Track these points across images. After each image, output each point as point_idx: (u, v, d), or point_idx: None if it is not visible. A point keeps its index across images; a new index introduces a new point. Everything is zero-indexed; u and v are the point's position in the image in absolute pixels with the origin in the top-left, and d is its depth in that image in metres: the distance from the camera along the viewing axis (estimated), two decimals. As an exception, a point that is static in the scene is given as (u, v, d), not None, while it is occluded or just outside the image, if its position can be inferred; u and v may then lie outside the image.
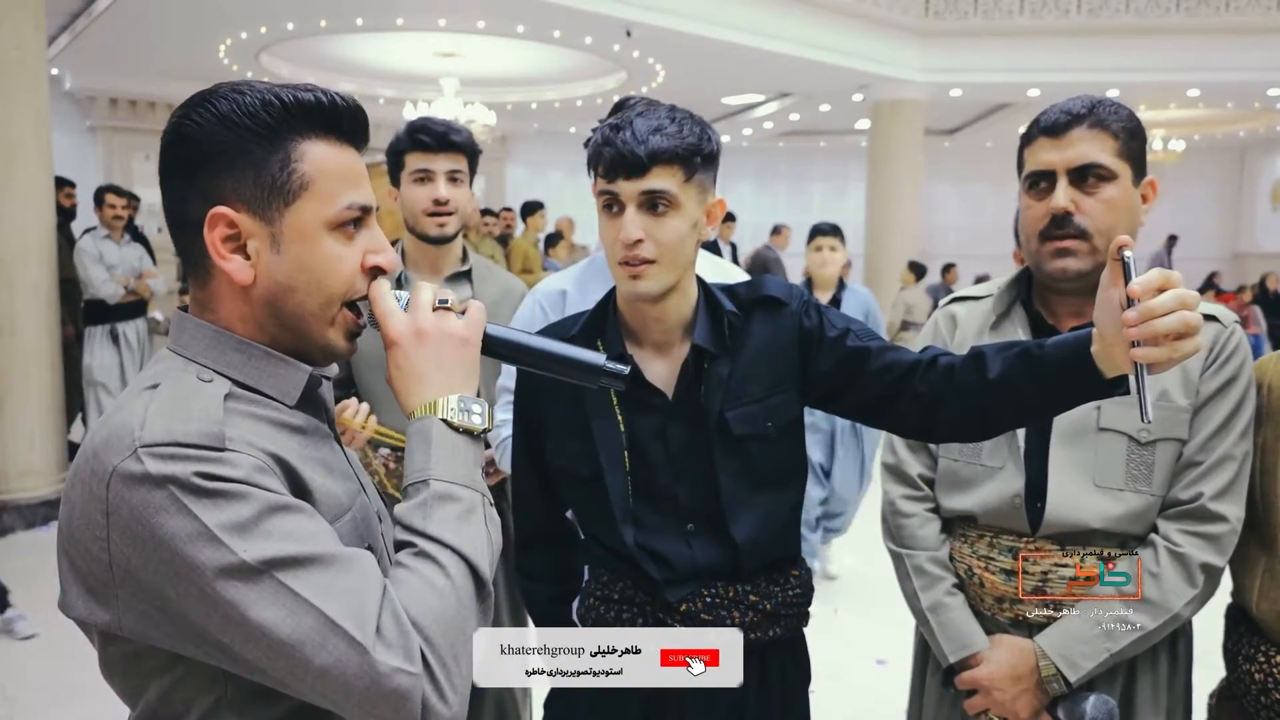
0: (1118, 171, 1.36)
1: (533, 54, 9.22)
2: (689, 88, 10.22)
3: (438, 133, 2.05)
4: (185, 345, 0.89)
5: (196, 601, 0.78)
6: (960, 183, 15.18)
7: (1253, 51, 9.61)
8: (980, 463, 1.45)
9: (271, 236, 0.87)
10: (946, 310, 1.60)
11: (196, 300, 0.91)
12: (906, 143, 10.34)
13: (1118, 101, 1.39)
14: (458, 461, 0.88)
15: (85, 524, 0.81)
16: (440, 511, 0.85)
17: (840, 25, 9.20)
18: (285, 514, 0.80)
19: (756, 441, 1.31)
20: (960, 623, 1.45)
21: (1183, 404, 1.36)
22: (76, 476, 0.84)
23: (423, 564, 0.82)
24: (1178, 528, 1.35)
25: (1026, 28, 9.74)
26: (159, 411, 0.81)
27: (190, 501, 0.78)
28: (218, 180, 0.86)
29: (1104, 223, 1.35)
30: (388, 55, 9.45)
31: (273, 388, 0.90)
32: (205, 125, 0.86)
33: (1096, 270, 1.32)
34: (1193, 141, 13.62)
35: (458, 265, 2.16)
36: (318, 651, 0.77)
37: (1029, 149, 1.42)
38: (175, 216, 0.89)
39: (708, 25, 8.11)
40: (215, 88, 0.89)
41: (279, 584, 0.78)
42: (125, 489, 0.79)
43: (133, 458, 0.78)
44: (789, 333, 1.33)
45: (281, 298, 0.89)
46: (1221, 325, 1.39)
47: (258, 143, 0.87)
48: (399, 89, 10.71)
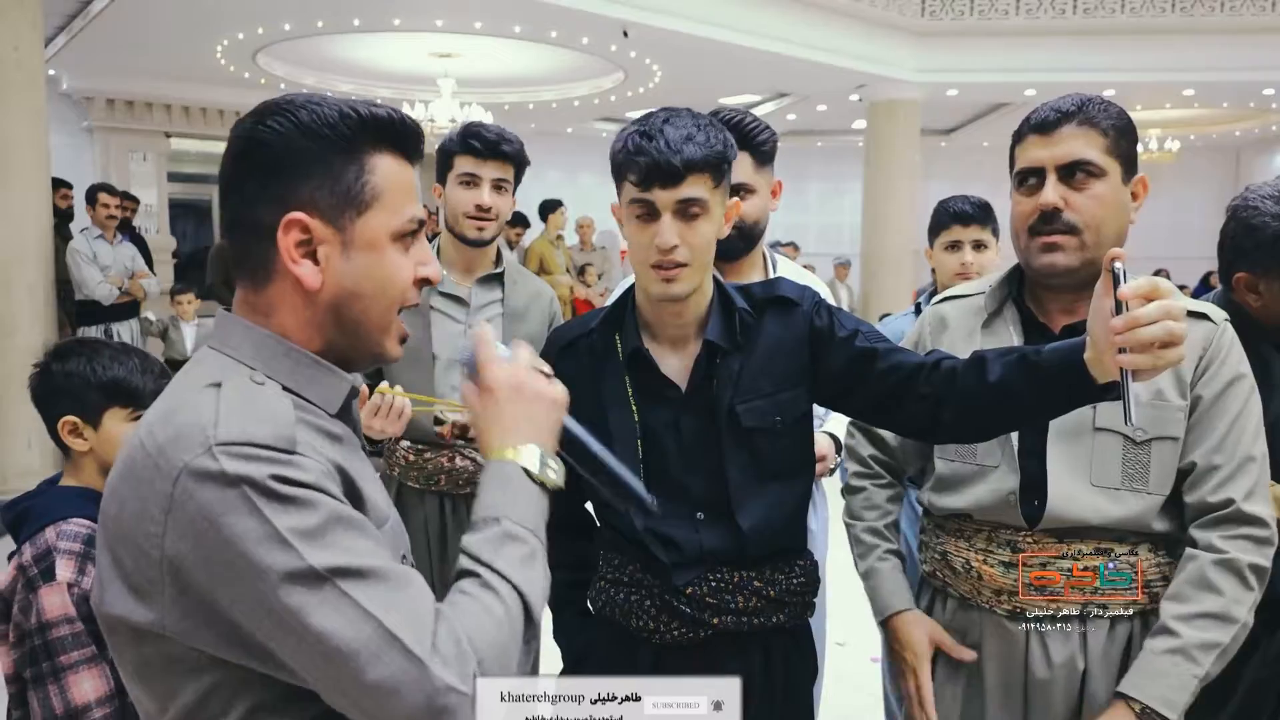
0: (1107, 168, 1.36)
1: (530, 54, 9.21)
2: (686, 88, 10.22)
3: (489, 140, 2.10)
4: (234, 346, 0.91)
5: (251, 604, 0.79)
6: (957, 182, 15.06)
7: (1248, 51, 9.62)
8: (976, 462, 1.45)
9: (342, 244, 0.90)
10: (935, 311, 1.58)
11: (247, 303, 0.92)
12: (903, 143, 10.35)
13: (1108, 100, 1.40)
14: (530, 508, 0.91)
15: (137, 520, 0.82)
16: (508, 550, 0.87)
17: (836, 25, 9.20)
18: (349, 524, 0.82)
19: (764, 434, 1.37)
20: (886, 586, 1.52)
21: (1177, 403, 1.36)
22: (130, 472, 0.84)
23: (484, 593, 0.84)
24: (1219, 534, 1.32)
25: (1022, 28, 9.75)
26: (232, 410, 0.82)
27: (262, 503, 0.78)
28: (295, 186, 0.88)
29: (1093, 218, 1.36)
30: (385, 55, 9.45)
31: (316, 395, 0.92)
32: (285, 133, 0.88)
33: (1085, 266, 1.36)
34: (1188, 141, 13.64)
35: (491, 268, 2.21)
36: (373, 663, 0.78)
37: (1019, 146, 1.43)
38: (242, 219, 0.90)
39: (704, 25, 8.11)
40: (291, 98, 0.91)
41: (341, 593, 0.78)
42: (195, 485, 0.79)
43: (207, 455, 0.79)
44: (800, 332, 1.39)
45: (347, 303, 0.91)
46: (1213, 324, 1.39)
47: (335, 153, 0.89)
48: (396, 89, 10.71)
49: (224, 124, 10.96)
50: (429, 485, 2.14)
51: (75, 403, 1.46)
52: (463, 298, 2.18)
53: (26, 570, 1.38)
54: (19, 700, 1.39)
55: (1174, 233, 13.56)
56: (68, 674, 1.34)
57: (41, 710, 1.34)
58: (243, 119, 0.91)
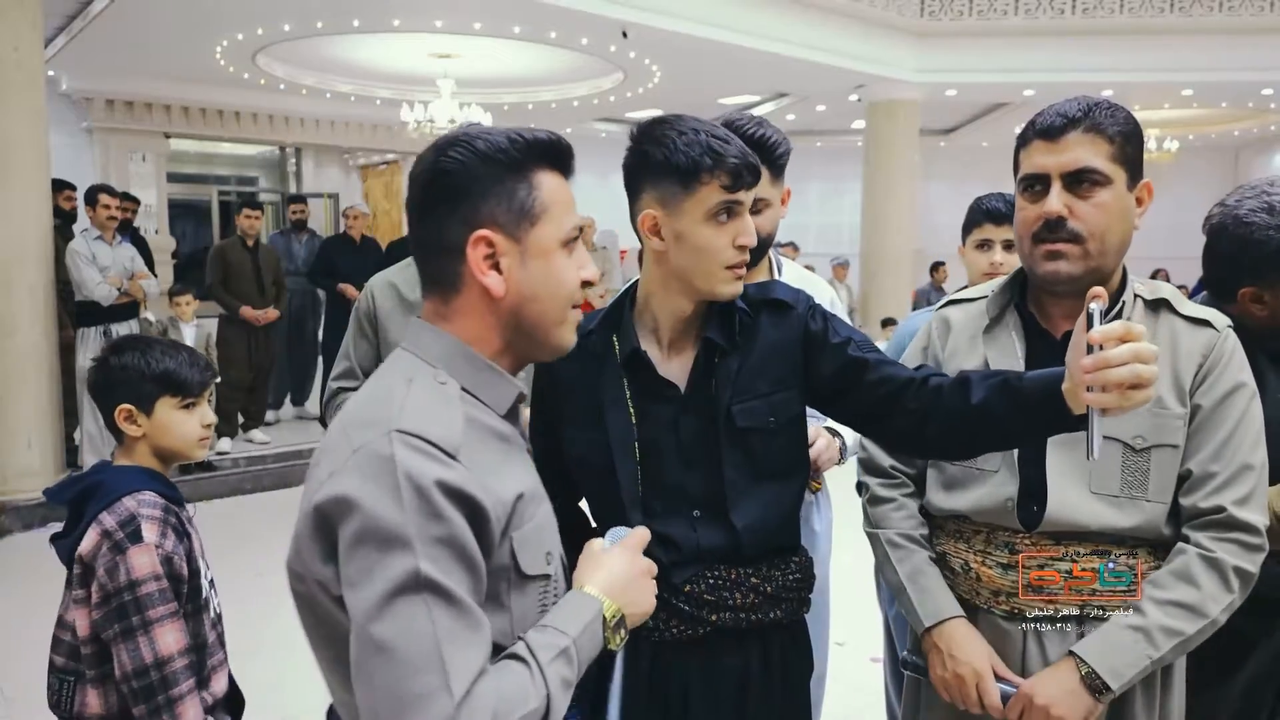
0: (1112, 176, 1.35)
1: (529, 55, 9.22)
2: (685, 89, 10.22)
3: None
4: (424, 348, 1.03)
5: (354, 569, 0.89)
6: (956, 182, 15.18)
7: (1246, 51, 9.63)
8: (976, 466, 1.45)
9: (520, 254, 1.02)
10: (941, 315, 1.59)
11: (436, 313, 1.05)
12: (902, 143, 10.35)
13: (1115, 103, 1.38)
14: (590, 647, 1.02)
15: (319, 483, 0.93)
16: (561, 666, 0.96)
17: (835, 26, 9.21)
18: (462, 552, 0.90)
19: (759, 434, 1.38)
20: (936, 591, 1.46)
21: (1177, 411, 1.36)
22: (325, 447, 0.97)
23: (531, 680, 0.92)
24: (1209, 535, 1.33)
25: (1021, 28, 9.76)
26: (418, 407, 0.95)
27: (409, 495, 0.88)
28: (478, 207, 1.01)
29: (1098, 226, 1.35)
30: (384, 56, 9.44)
31: (489, 396, 1.04)
32: (466, 161, 1.00)
33: (1089, 274, 1.36)
34: (1187, 141, 13.65)
35: None
36: (414, 677, 0.85)
37: (1024, 151, 1.42)
38: (432, 241, 1.03)
39: (704, 26, 8.11)
40: (463, 130, 1.04)
41: (423, 603, 0.87)
42: (365, 457, 0.91)
43: (385, 437, 0.91)
44: (795, 334, 1.41)
45: (526, 306, 1.04)
46: (1215, 330, 1.39)
47: (509, 174, 1.02)
48: (396, 90, 10.70)
49: (223, 125, 10.97)
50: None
51: (131, 392, 1.61)
52: None
53: (112, 535, 1.50)
54: (96, 659, 1.51)
55: (1173, 233, 13.55)
56: (155, 627, 1.48)
57: (131, 662, 1.46)
58: (424, 153, 1.03)
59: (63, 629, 1.56)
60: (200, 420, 1.67)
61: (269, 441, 6.47)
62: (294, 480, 6.11)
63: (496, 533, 0.95)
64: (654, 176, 1.35)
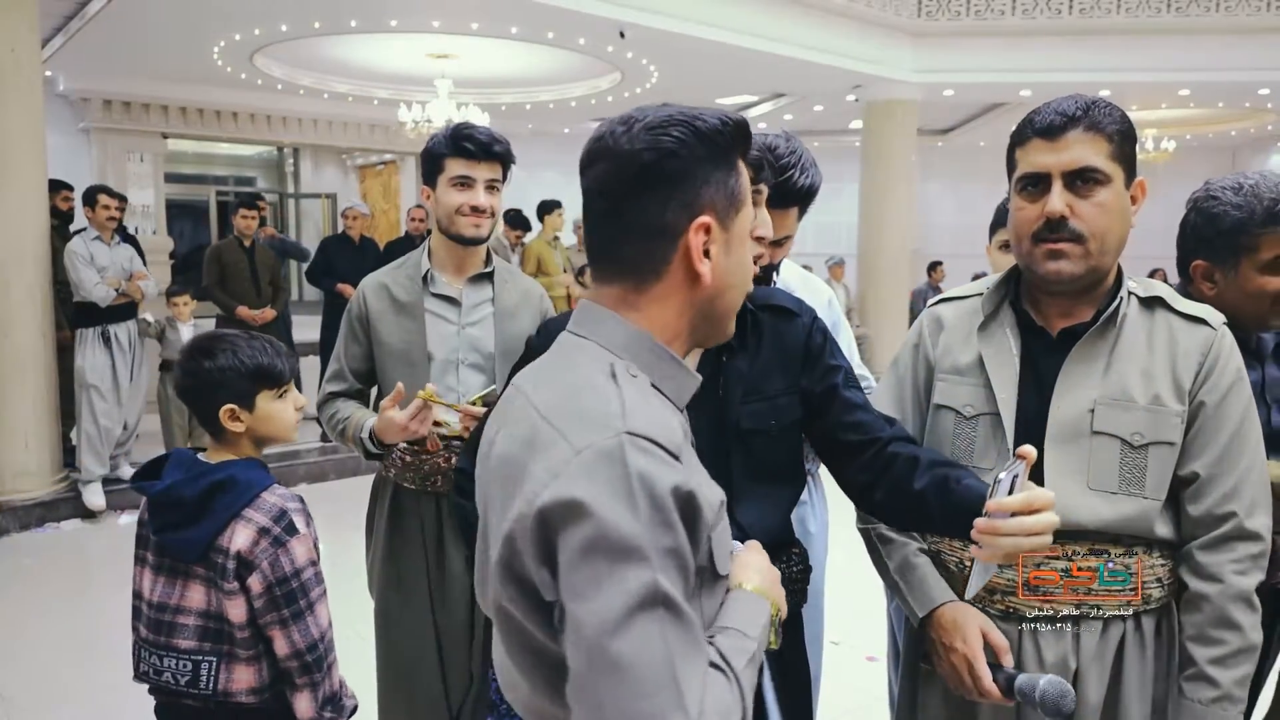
0: (1111, 175, 1.35)
1: (526, 55, 9.21)
2: (683, 89, 10.22)
3: (481, 142, 2.11)
4: (606, 337, 0.98)
5: (580, 582, 0.84)
6: (954, 182, 15.20)
7: (1243, 51, 9.63)
8: (972, 464, 1.44)
9: (726, 241, 0.99)
10: (933, 313, 1.59)
11: (624, 300, 0.99)
12: (900, 143, 10.35)
13: (1111, 102, 1.38)
14: (763, 648, 1.00)
15: (530, 481, 0.89)
16: (751, 672, 0.95)
17: (833, 26, 9.21)
18: (682, 560, 0.87)
19: (761, 437, 1.40)
20: (930, 580, 1.46)
21: (1174, 409, 1.36)
22: (532, 443, 0.91)
23: (731, 689, 0.90)
24: (1227, 559, 1.35)
25: (1018, 28, 9.76)
26: (636, 406, 0.90)
27: (644, 503, 0.84)
28: (701, 191, 0.97)
29: (1098, 226, 1.35)
30: (382, 56, 9.44)
31: (671, 390, 1.00)
32: (691, 143, 0.96)
33: (1090, 273, 1.37)
34: (1184, 141, 13.65)
35: (481, 267, 2.23)
36: (651, 696, 0.82)
37: (1021, 149, 1.41)
38: (641, 225, 0.97)
39: (701, 26, 8.11)
40: (678, 111, 0.98)
41: (658, 619, 0.83)
42: (596, 460, 0.86)
43: (615, 438, 0.86)
44: (798, 342, 1.43)
45: (722, 294, 1.01)
46: (1211, 329, 1.40)
47: (725, 159, 0.99)
48: (393, 90, 10.70)
49: (220, 125, 10.95)
50: (425, 486, 2.15)
51: (231, 392, 1.67)
52: (455, 298, 2.18)
53: (269, 530, 1.61)
54: (253, 641, 1.62)
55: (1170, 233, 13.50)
56: (316, 606, 1.64)
57: (303, 640, 1.61)
58: (632, 132, 0.97)
59: (184, 615, 1.63)
60: (294, 404, 1.76)
61: (267, 442, 6.44)
62: (291, 481, 6.10)
63: (705, 534, 0.93)
64: None
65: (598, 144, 0.99)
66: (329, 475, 6.19)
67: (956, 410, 1.48)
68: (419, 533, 2.17)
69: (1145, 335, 1.40)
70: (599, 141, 0.99)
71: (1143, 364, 1.38)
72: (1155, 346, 1.39)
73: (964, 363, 1.49)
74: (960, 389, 1.48)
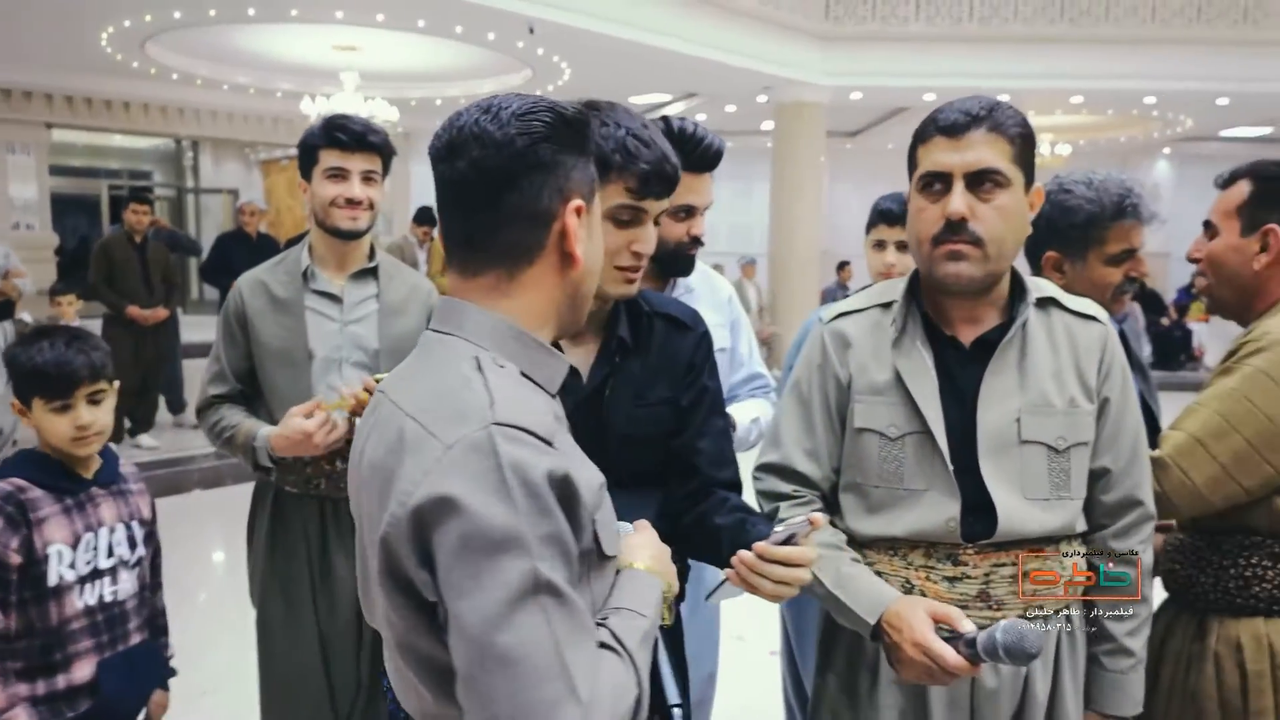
0: (1012, 178, 1.34)
1: (436, 49, 9.06)
2: (595, 87, 10.19)
3: (355, 132, 2.04)
4: (471, 330, 0.98)
5: (461, 574, 0.85)
6: (862, 184, 15.53)
7: (1130, 61, 10.10)
8: (903, 486, 1.40)
9: (589, 226, 1.02)
10: (833, 329, 1.50)
11: (494, 288, 0.99)
12: (809, 144, 10.53)
13: (1013, 106, 1.37)
14: (656, 625, 1.02)
15: (401, 481, 0.89)
16: (644, 650, 0.96)
17: (743, 27, 9.31)
18: (564, 545, 0.88)
19: (640, 441, 1.40)
20: (871, 584, 1.38)
21: (1087, 408, 1.38)
22: (399, 445, 0.91)
23: (626, 669, 0.92)
24: (1139, 544, 1.41)
25: (921, 34, 10.03)
26: (505, 397, 0.90)
27: (519, 493, 0.85)
28: (571, 175, 0.99)
29: (997, 232, 1.33)
30: (284, 47, 9.17)
31: (542, 376, 1.00)
32: (559, 128, 0.98)
33: (987, 277, 1.36)
34: (1078, 146, 14.24)
35: (364, 262, 2.15)
36: (541, 686, 0.82)
37: (924, 147, 1.38)
38: (520, 209, 0.97)
39: (612, 24, 8.10)
40: (535, 98, 1.00)
41: (542, 608, 0.84)
42: (465, 454, 0.86)
43: (484, 430, 0.86)
44: (685, 356, 1.44)
45: (588, 277, 1.03)
46: (1101, 324, 1.42)
47: (584, 146, 1.01)
48: (297, 82, 10.40)
49: (111, 115, 10.48)
50: (308, 490, 2.07)
51: (17, 386, 1.71)
52: (336, 294, 2.10)
53: None
54: None
55: (1066, 234, 14.10)
56: None
57: None
58: (501, 120, 0.96)
59: None
60: (72, 422, 1.65)
61: (158, 447, 6.20)
62: (185, 486, 5.87)
63: (587, 517, 0.93)
64: None
65: (460, 133, 0.97)
66: (225, 480, 5.96)
67: (880, 433, 1.42)
68: (302, 538, 2.09)
69: (1046, 336, 1.40)
70: (461, 131, 0.97)
71: (1051, 367, 1.38)
72: (1058, 347, 1.40)
73: (881, 381, 1.43)
74: (881, 409, 1.42)
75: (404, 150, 14.14)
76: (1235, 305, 1.64)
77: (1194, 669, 1.56)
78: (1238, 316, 1.65)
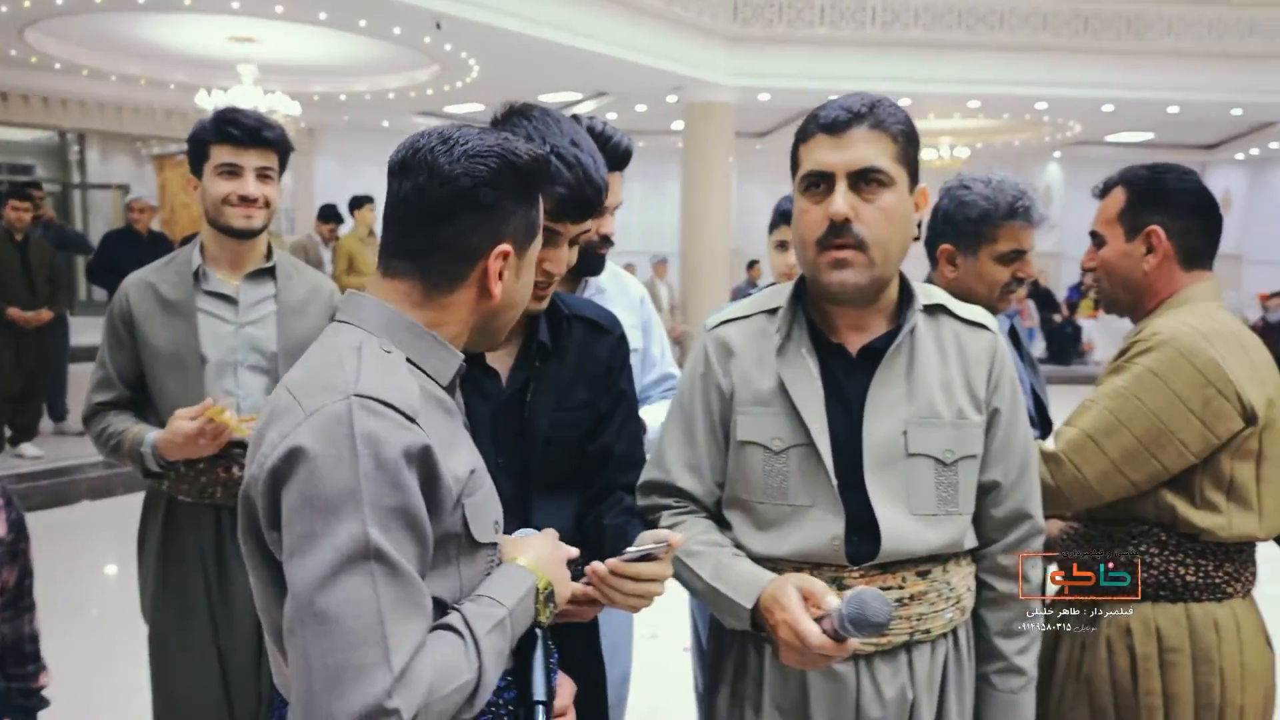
0: (896, 178, 1.28)
1: (339, 43, 8.84)
2: (504, 84, 10.09)
3: (249, 127, 1.95)
4: (364, 320, 1.04)
5: (300, 530, 0.89)
6: (772, 184, 15.76)
7: (1023, 68, 10.52)
8: (787, 502, 1.33)
9: (518, 267, 1.10)
10: (716, 337, 1.43)
11: (407, 297, 1.05)
12: (718, 144, 10.64)
13: (895, 103, 1.33)
14: (524, 619, 1.06)
15: (270, 447, 0.95)
16: (496, 638, 0.99)
17: (653, 27, 9.35)
18: (413, 524, 0.92)
19: (559, 445, 1.40)
20: (743, 572, 1.31)
21: (975, 419, 1.34)
22: (274, 415, 0.98)
23: (465, 652, 0.95)
24: (1020, 555, 1.39)
25: (826, 37, 10.24)
26: (372, 372, 0.97)
27: (367, 463, 0.89)
28: (507, 221, 1.06)
29: (881, 234, 1.28)
30: (178, 38, 8.80)
31: (432, 367, 1.05)
32: (504, 174, 1.04)
33: (873, 283, 1.30)
34: (976, 149, 14.77)
35: (261, 262, 2.08)
36: (355, 649, 0.86)
37: (805, 146, 1.32)
38: (448, 243, 1.04)
39: (521, 21, 8.03)
40: (493, 140, 1.05)
41: (369, 574, 0.87)
42: (324, 420, 0.92)
43: (344, 401, 0.92)
44: (603, 359, 1.44)
45: (505, 311, 1.11)
46: (991, 332, 1.38)
47: (530, 193, 1.09)
48: (191, 74, 10.01)
49: (-12, 105, 9.90)
50: (203, 499, 1.98)
51: None
52: (231, 295, 2.02)
53: None
54: None
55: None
56: None
57: None
58: (453, 155, 1.03)
59: None
60: None
61: (41, 456, 5.87)
62: (71, 498, 5.58)
63: (449, 500, 0.97)
64: None
65: (415, 155, 1.04)
66: (116, 490, 5.69)
67: (764, 445, 1.35)
68: (196, 549, 2.00)
69: (935, 345, 1.36)
70: (417, 153, 1.04)
71: (940, 376, 1.34)
72: (947, 356, 1.36)
73: (764, 391, 1.36)
74: (764, 421, 1.35)
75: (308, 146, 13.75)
76: (1129, 305, 1.70)
77: (1087, 653, 1.61)
78: (1131, 315, 1.71)
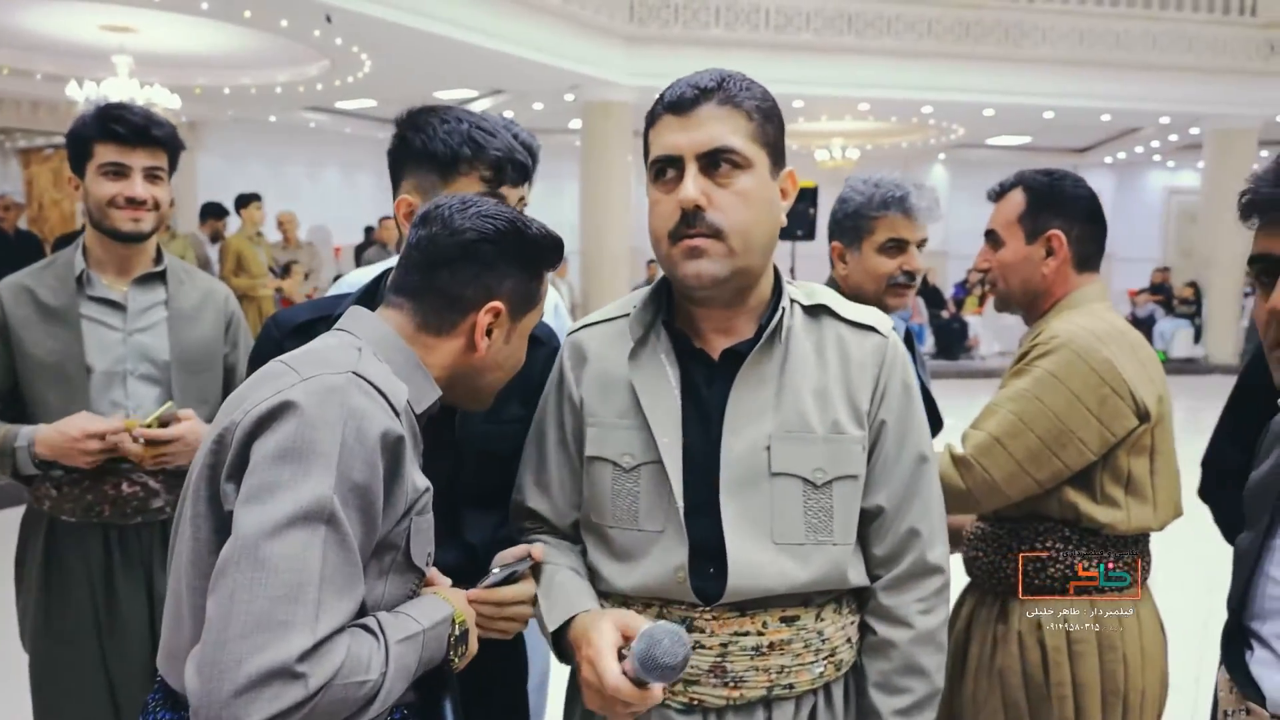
0: (753, 159, 1.16)
1: (223, 34, 8.48)
2: (398, 80, 9.89)
3: (136, 125, 1.85)
4: (363, 330, 1.10)
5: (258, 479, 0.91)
6: (669, 183, 15.95)
7: (909, 72, 10.94)
8: (637, 527, 1.20)
9: (509, 332, 1.16)
10: (574, 341, 1.31)
11: (403, 327, 1.12)
12: (617, 143, 10.68)
13: (751, 79, 1.21)
14: (434, 647, 1.05)
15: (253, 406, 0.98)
16: (406, 651, 0.99)
17: (550, 25, 9.30)
18: (369, 506, 0.95)
19: (492, 459, 1.36)
20: (567, 589, 1.21)
21: (855, 434, 1.19)
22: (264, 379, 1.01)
23: (376, 652, 0.95)
24: (913, 600, 1.21)
25: (722, 39, 10.40)
26: (371, 365, 1.03)
27: (350, 436, 0.94)
28: (504, 281, 1.13)
29: (740, 220, 1.15)
30: (46, 25, 8.30)
31: (411, 392, 1.08)
32: (511, 238, 1.12)
33: (735, 276, 1.17)
34: (866, 151, 15.23)
35: (150, 266, 1.97)
36: (283, 603, 0.86)
37: (654, 130, 1.21)
38: (447, 289, 1.11)
39: (415, 16, 7.86)
40: (511, 212, 1.15)
41: (319, 536, 0.89)
42: (319, 386, 0.96)
43: (343, 375, 0.98)
44: (538, 370, 1.35)
45: (489, 371, 1.17)
46: (881, 335, 1.24)
47: (533, 265, 1.16)
48: (61, 64, 9.44)
49: None
50: (89, 518, 1.87)
51: None
52: (119, 301, 1.92)
53: None
54: None
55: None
56: None
57: None
58: (466, 213, 1.12)
59: None
60: None
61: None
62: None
63: (402, 504, 1.01)
64: (413, 164, 1.34)
65: (436, 209, 1.13)
66: (-13, 507, 5.32)
67: (613, 462, 1.21)
68: (83, 572, 1.89)
69: (814, 349, 1.22)
70: (438, 208, 1.13)
71: (815, 383, 1.19)
72: (826, 361, 1.21)
73: (617, 401, 1.23)
74: (615, 435, 1.22)
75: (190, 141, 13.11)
76: (1025, 305, 1.76)
77: (999, 649, 1.65)
78: (1025, 314, 1.78)
